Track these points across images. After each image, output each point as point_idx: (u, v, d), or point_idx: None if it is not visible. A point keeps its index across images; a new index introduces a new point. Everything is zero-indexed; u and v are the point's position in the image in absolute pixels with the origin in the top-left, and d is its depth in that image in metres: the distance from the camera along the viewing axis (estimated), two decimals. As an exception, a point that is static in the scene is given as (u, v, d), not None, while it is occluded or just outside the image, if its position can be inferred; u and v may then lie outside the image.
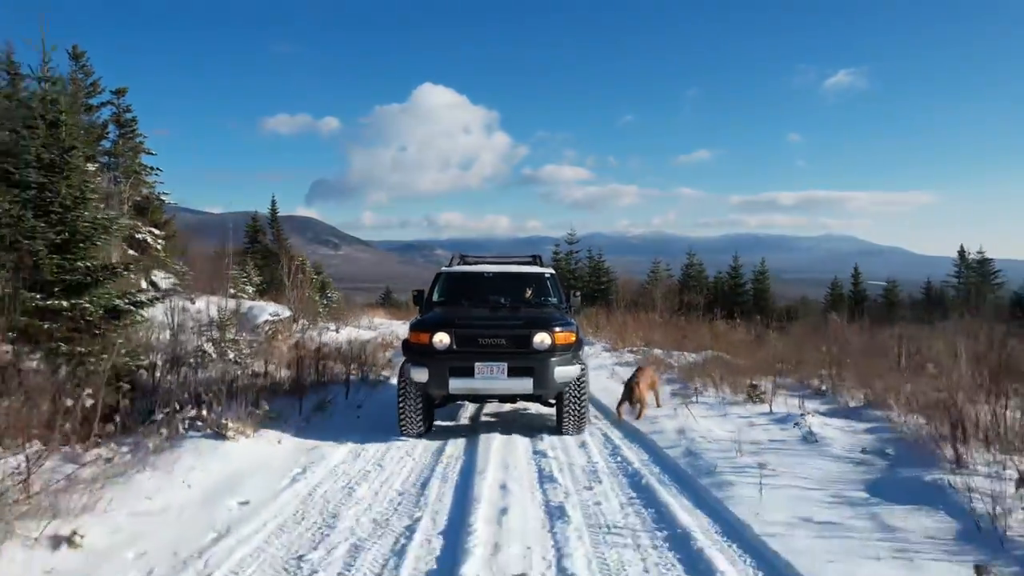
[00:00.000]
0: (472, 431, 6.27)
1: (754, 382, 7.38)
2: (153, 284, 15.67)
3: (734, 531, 3.55)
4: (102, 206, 8.09)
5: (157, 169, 19.75)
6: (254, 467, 4.71)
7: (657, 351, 12.44)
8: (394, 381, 7.25)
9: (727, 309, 23.39)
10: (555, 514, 3.85)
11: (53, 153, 7.04)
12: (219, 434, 5.05)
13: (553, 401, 6.26)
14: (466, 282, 7.36)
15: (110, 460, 4.20)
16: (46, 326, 6.63)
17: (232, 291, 18.28)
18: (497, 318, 6.42)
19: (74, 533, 3.11)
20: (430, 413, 6.24)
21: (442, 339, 5.86)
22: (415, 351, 5.99)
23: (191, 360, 7.66)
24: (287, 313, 17.43)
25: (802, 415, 5.73)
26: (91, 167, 17.59)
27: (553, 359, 5.76)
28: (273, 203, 38.02)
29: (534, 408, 7.21)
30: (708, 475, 4.46)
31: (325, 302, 21.78)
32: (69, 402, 4.34)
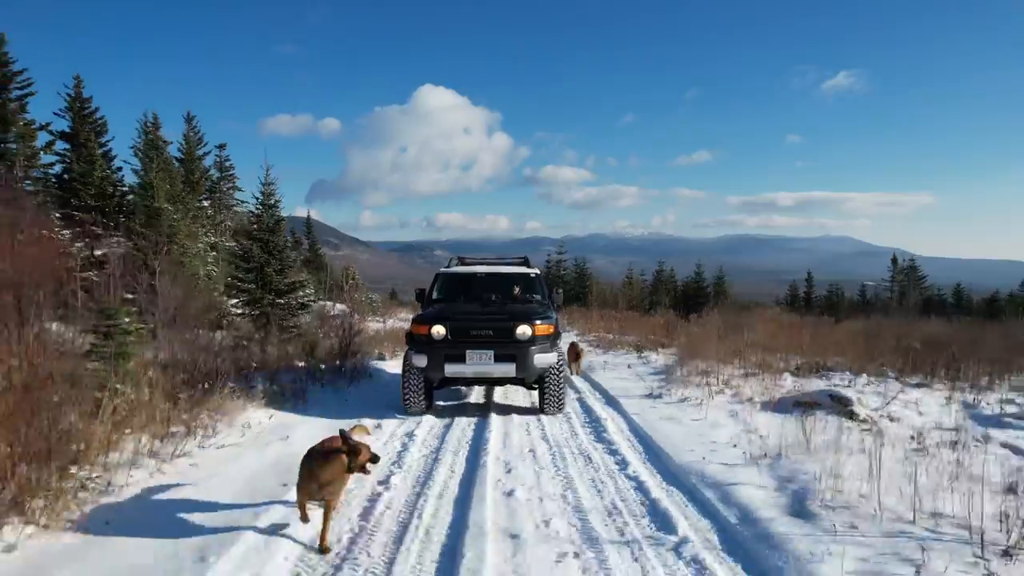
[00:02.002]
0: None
1: (639, 344, 13.83)
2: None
3: (593, 383, 9.93)
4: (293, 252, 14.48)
5: (244, 202, 26.22)
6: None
7: (610, 336, 18.84)
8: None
9: (688, 308, 29.86)
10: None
11: (271, 222, 13.59)
12: (382, 356, 11.54)
13: (536, 385, 7.23)
14: (461, 281, 8.36)
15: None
16: (273, 312, 13.20)
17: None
18: (486, 313, 7.24)
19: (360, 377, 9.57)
20: (430, 394, 7.19)
21: (439, 330, 6.78)
22: (416, 341, 6.94)
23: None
24: (346, 310, 23.90)
25: (642, 353, 12.21)
26: (206, 203, 24.18)
27: (533, 347, 6.71)
28: (308, 218, 44.61)
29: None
30: (591, 371, 10.88)
31: (370, 302, 28.22)
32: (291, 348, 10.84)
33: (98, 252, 17.84)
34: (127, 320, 5.53)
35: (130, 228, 16.79)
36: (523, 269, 8.77)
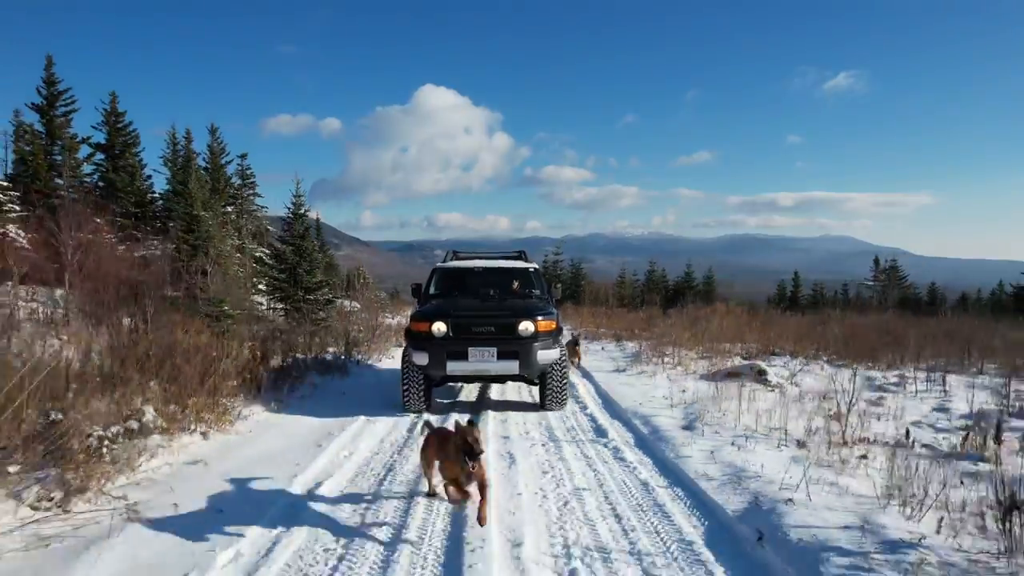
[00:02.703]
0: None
1: (618, 335, 16.00)
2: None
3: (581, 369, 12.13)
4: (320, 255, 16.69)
5: (265, 207, 28.45)
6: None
7: (601, 329, 21.05)
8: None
9: (675, 304, 32.11)
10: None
11: (300, 231, 15.81)
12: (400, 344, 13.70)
13: (537, 381, 7.17)
14: (459, 276, 8.14)
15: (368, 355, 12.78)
16: (304, 306, 15.42)
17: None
18: (487, 308, 7.12)
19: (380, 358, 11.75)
20: (429, 392, 7.03)
21: (440, 327, 6.64)
22: (416, 337, 6.75)
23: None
24: (359, 307, 26.06)
25: (620, 342, 14.38)
26: (229, 208, 26.29)
27: (536, 344, 6.59)
28: (318, 220, 46.76)
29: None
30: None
31: (380, 300, 30.40)
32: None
33: (137, 254, 20.05)
34: (227, 307, 7.66)
35: (169, 232, 18.97)
36: (521, 264, 8.54)
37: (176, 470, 4.61)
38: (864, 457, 4.89)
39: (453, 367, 6.63)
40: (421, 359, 6.64)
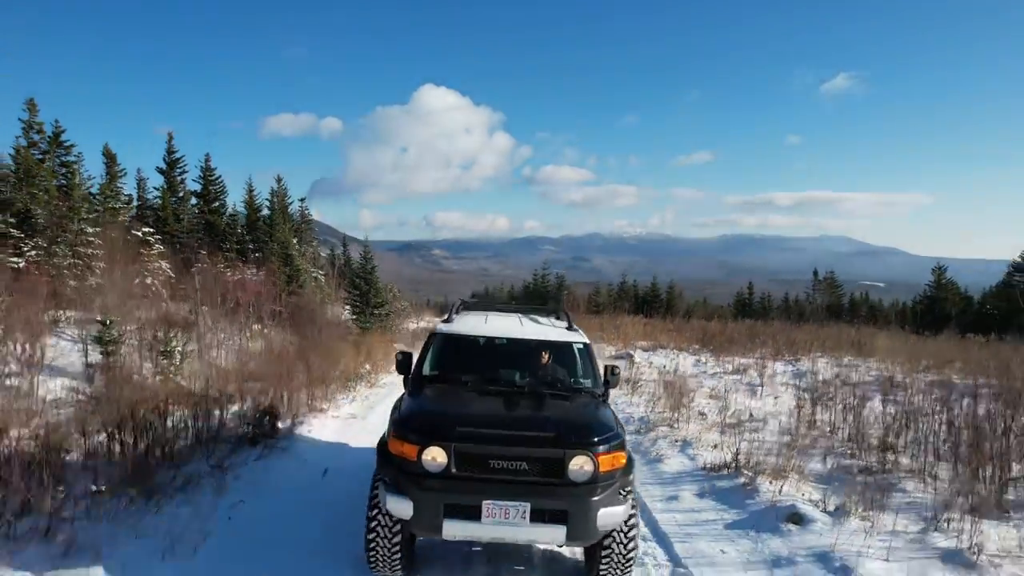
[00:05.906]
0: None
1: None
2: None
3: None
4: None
5: (317, 238, 36.88)
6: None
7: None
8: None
9: (643, 311, 40.55)
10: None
11: (370, 267, 24.46)
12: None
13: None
14: (470, 350, 5.48)
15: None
16: (373, 319, 24.09)
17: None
18: (515, 421, 4.43)
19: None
20: (410, 548, 4.47)
21: (435, 456, 4.05)
22: (395, 467, 4.17)
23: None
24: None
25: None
26: (294, 239, 34.72)
27: (596, 498, 4.03)
28: (367, 248, 55.15)
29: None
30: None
31: (405, 310, 38.93)
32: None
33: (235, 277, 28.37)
34: (364, 330, 16.00)
35: (265, 264, 27.38)
36: (563, 333, 5.59)
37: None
38: (636, 383, 13.33)
39: (454, 530, 4.06)
40: (402, 509, 4.05)
